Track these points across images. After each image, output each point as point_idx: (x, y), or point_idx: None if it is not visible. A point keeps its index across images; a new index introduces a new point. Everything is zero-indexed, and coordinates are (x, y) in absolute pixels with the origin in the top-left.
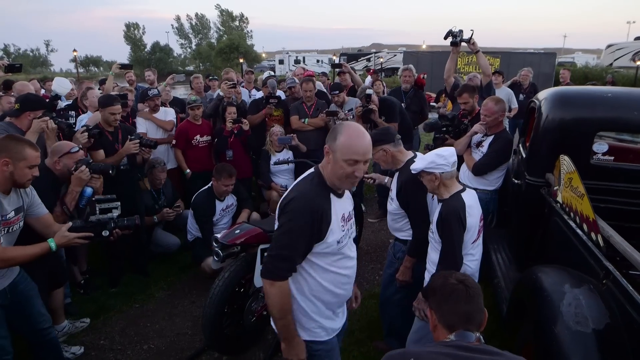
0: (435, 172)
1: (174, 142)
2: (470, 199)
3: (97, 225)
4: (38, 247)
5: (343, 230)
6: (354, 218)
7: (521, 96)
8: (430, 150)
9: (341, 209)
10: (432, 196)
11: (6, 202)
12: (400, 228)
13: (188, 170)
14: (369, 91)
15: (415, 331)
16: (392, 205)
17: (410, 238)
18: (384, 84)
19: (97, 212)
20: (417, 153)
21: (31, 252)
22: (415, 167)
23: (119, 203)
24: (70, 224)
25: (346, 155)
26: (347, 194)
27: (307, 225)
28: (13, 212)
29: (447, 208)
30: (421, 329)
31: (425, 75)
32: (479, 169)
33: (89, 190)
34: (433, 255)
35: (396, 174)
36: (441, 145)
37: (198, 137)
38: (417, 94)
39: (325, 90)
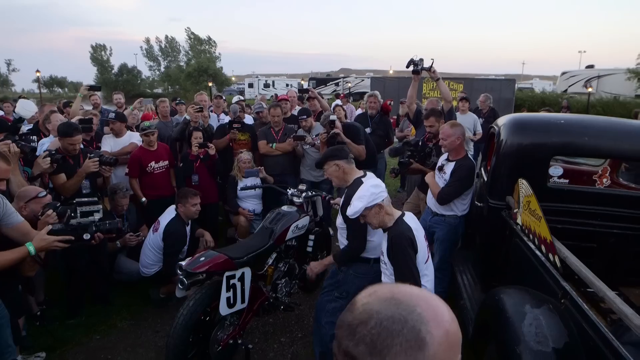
0: (378, 202)
1: (126, 170)
2: (413, 222)
3: (78, 228)
4: (16, 251)
5: None
6: None
7: (481, 120)
8: (396, 174)
9: None
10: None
11: None
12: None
13: (144, 199)
14: (332, 117)
15: None
16: (339, 219)
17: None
18: (345, 109)
19: (78, 215)
20: (368, 173)
21: (9, 257)
22: (356, 209)
23: (100, 206)
24: (49, 227)
25: None
26: None
27: None
28: None
29: (395, 234)
30: None
31: (392, 102)
32: (443, 199)
33: None
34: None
35: (345, 190)
36: (406, 169)
37: (153, 163)
38: (382, 119)
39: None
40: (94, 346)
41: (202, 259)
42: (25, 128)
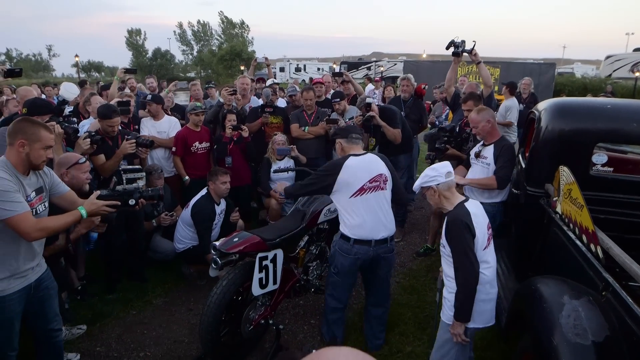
0: (432, 186)
1: (173, 149)
2: (475, 208)
3: (124, 194)
4: (70, 215)
5: None
6: None
7: (521, 106)
8: (431, 160)
9: None
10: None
11: (26, 183)
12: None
13: (187, 177)
14: (368, 100)
15: (437, 349)
16: None
17: (342, 231)
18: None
19: (124, 182)
20: (368, 153)
21: (64, 220)
22: (415, 186)
23: (144, 173)
24: (98, 192)
25: None
26: None
27: None
28: (33, 192)
29: (451, 217)
30: (443, 347)
31: (426, 86)
32: (504, 181)
33: (94, 235)
34: (447, 270)
35: None
36: (442, 155)
37: (197, 143)
38: (416, 103)
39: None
40: (131, 321)
41: (236, 239)
42: (66, 110)
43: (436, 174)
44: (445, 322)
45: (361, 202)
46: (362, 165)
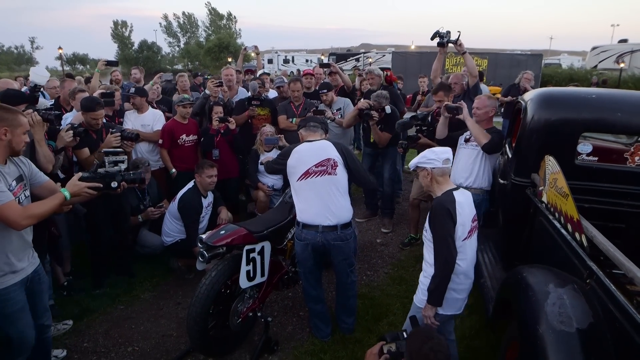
0: (426, 167)
1: (160, 141)
2: (462, 197)
3: (106, 176)
4: (55, 198)
5: None
6: None
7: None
8: (403, 148)
9: None
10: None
11: (6, 172)
12: None
13: (173, 170)
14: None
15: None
16: None
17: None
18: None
19: (106, 164)
20: (323, 140)
21: (50, 204)
22: (411, 163)
23: (125, 157)
24: (80, 174)
25: None
26: None
27: None
28: (14, 181)
29: (436, 203)
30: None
31: (389, 73)
32: (495, 144)
33: None
34: (427, 256)
35: None
36: (414, 143)
37: (184, 136)
38: (387, 90)
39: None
40: (118, 316)
41: (223, 232)
42: (48, 103)
43: (434, 157)
44: (416, 304)
45: (307, 185)
46: (311, 150)
